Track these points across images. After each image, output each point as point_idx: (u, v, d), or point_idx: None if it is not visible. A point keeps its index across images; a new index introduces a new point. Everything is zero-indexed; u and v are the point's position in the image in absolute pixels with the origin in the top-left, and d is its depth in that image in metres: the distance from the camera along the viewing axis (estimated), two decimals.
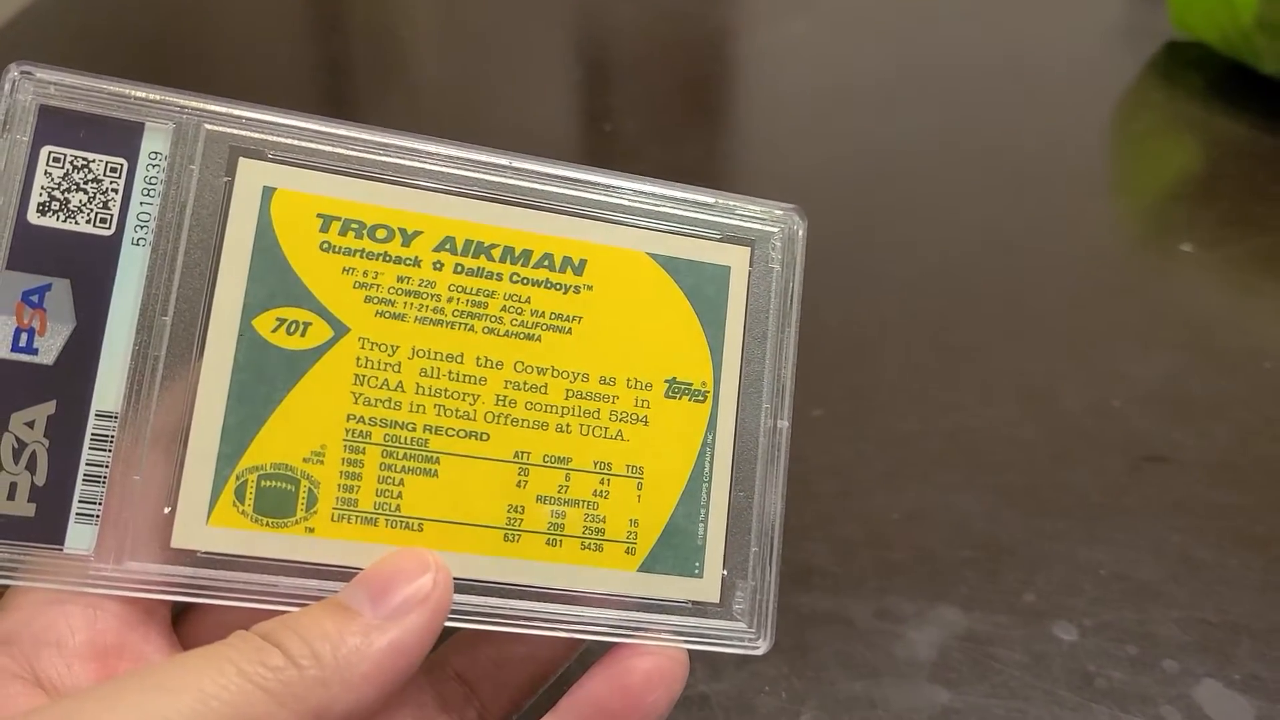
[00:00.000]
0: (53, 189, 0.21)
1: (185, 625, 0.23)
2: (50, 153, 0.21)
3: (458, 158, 0.23)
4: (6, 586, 0.20)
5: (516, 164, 0.23)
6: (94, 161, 0.21)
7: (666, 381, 0.24)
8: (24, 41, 0.55)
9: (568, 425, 0.23)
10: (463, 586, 0.22)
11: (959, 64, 0.57)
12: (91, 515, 0.21)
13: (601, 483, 0.23)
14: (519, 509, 0.22)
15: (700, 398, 0.24)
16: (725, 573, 0.23)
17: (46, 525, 0.20)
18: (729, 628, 0.23)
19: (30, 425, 0.21)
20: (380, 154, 0.23)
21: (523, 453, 0.23)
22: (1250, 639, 0.31)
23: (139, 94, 0.22)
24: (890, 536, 0.33)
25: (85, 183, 0.21)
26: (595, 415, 0.23)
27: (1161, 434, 0.37)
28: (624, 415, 0.23)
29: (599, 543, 0.23)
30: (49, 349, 0.21)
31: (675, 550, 0.23)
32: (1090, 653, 0.30)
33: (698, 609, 0.23)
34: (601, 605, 0.22)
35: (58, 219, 0.21)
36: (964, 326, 0.41)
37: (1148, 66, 0.57)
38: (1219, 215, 0.47)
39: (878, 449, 0.36)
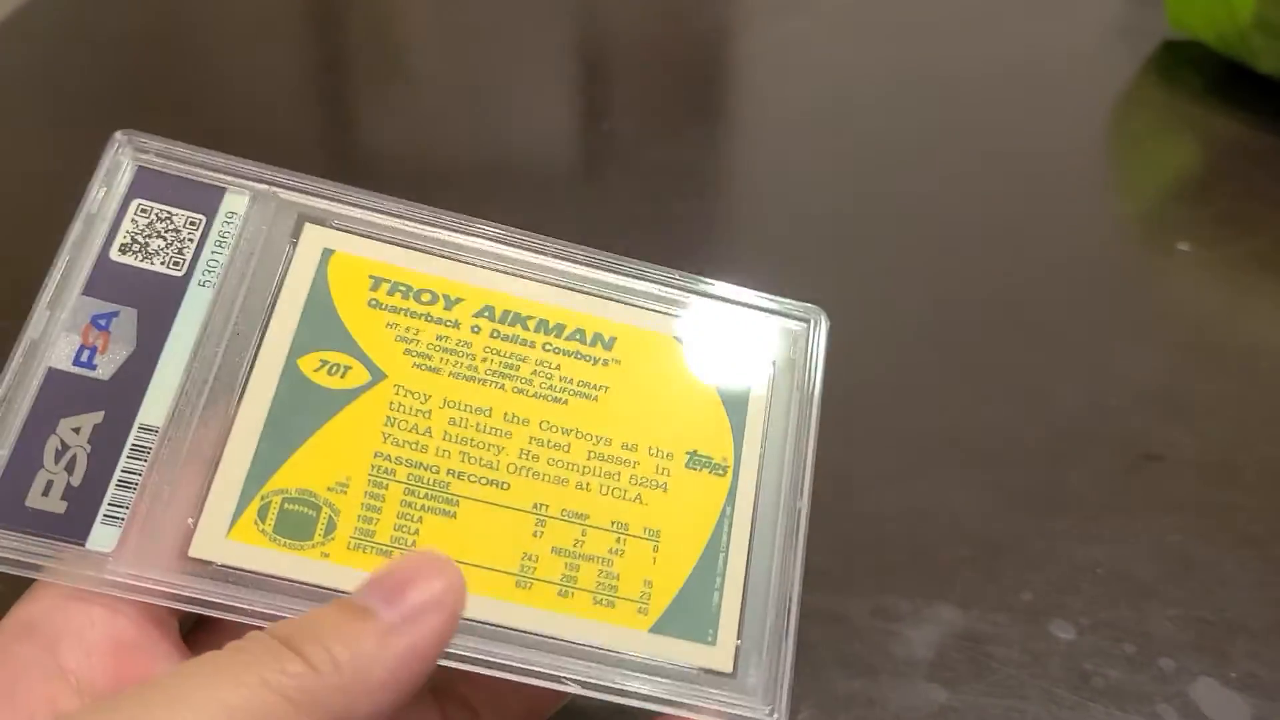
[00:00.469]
0: (136, 233, 0.23)
1: (198, 635, 0.23)
2: (139, 204, 0.23)
3: (504, 238, 0.25)
4: (22, 576, 0.21)
5: (557, 247, 0.25)
6: (176, 215, 0.24)
7: (688, 453, 0.24)
8: (24, 39, 0.55)
9: (587, 484, 0.23)
10: (471, 628, 0.21)
11: (956, 63, 0.57)
12: (118, 518, 0.21)
13: (618, 541, 0.23)
14: (533, 558, 0.23)
15: (720, 471, 0.24)
16: (739, 642, 0.23)
17: (73, 523, 0.21)
18: (741, 700, 0.22)
19: (76, 431, 0.22)
20: (433, 230, 0.25)
21: (541, 504, 0.23)
22: (1247, 637, 0.31)
23: (225, 163, 0.24)
24: (888, 535, 0.33)
25: (165, 231, 0.23)
26: (615, 477, 0.23)
27: (1159, 433, 0.37)
28: (644, 480, 0.24)
29: (611, 599, 0.23)
30: (107, 366, 0.22)
31: (689, 614, 0.23)
32: (1087, 651, 0.30)
33: (708, 677, 0.22)
34: (609, 663, 0.22)
35: (136, 258, 0.23)
36: (961, 325, 0.41)
37: (1145, 66, 0.57)
38: (1216, 214, 0.47)
39: (875, 448, 0.36)
